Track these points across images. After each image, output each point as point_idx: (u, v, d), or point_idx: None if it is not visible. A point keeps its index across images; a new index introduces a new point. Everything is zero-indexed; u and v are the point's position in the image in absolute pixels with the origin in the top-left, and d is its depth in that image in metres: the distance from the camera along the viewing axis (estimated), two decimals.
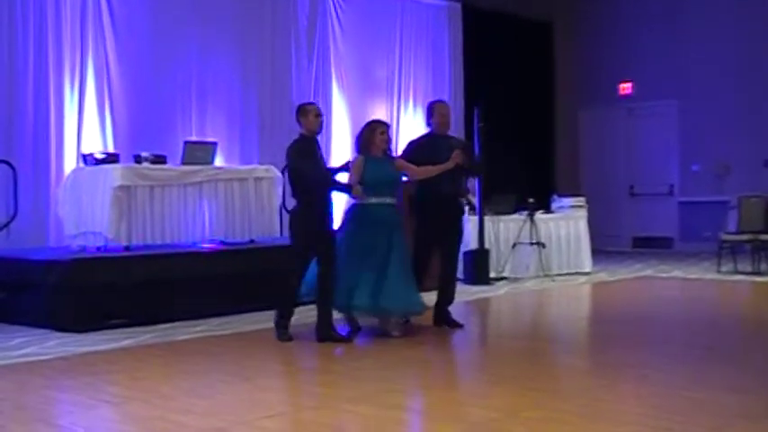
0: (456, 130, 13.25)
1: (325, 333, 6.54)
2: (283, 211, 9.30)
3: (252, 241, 8.91)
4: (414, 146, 7.26)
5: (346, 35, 12.06)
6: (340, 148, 11.85)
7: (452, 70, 13.40)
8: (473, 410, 4.73)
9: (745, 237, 11.21)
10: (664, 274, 11.34)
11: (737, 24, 13.89)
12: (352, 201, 6.85)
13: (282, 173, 8.69)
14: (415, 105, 12.85)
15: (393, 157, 6.97)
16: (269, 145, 10.78)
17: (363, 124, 7.10)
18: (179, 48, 10.19)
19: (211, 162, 8.79)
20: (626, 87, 15.35)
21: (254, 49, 10.95)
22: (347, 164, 6.89)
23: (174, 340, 6.89)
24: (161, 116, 9.92)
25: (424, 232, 7.14)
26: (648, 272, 11.65)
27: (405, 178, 7.10)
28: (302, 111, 6.73)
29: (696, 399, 4.77)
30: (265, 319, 7.26)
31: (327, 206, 6.66)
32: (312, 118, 6.64)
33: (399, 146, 12.40)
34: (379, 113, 12.53)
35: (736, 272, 11.07)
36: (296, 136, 6.75)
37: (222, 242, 8.70)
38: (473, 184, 9.59)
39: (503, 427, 4.29)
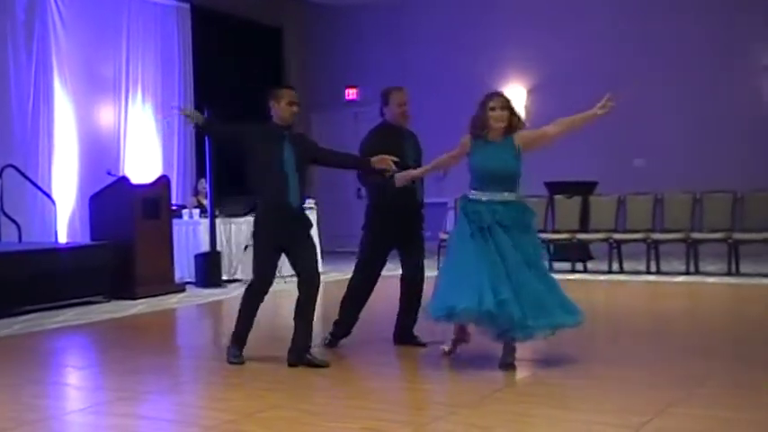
0: (189, 130, 13.12)
1: (300, 356, 5.66)
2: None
3: None
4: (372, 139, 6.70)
5: (69, 31, 11.51)
6: (64, 150, 11.32)
7: (182, 70, 13.21)
8: (209, 413, 4.71)
9: None
10: (390, 273, 11.80)
11: (456, 33, 14.74)
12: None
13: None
14: (143, 103, 12.53)
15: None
16: None
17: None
18: None
19: None
20: (352, 93, 15.86)
21: None
22: None
23: None
24: None
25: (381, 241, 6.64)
26: None
27: None
28: (275, 94, 5.82)
29: (420, 390, 5.09)
30: None
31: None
32: (284, 105, 5.81)
33: (128, 147, 12.17)
34: (106, 112, 12.11)
35: None
36: None
37: None
38: None
39: (238, 428, 4.32)
